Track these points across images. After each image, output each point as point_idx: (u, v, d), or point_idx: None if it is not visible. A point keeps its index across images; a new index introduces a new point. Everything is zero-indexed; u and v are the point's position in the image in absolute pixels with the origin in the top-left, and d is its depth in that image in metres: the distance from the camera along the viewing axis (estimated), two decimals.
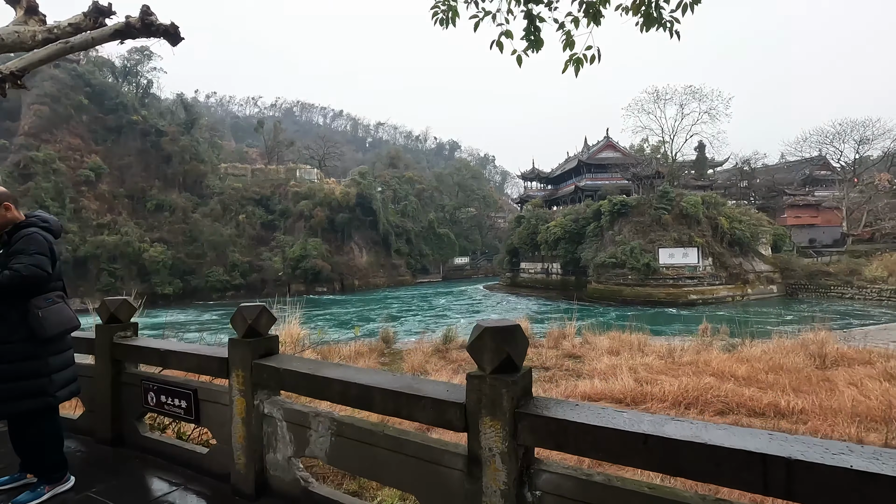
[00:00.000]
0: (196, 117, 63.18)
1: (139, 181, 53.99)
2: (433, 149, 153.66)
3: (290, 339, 12.66)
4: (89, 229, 46.72)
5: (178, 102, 64.72)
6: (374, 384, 2.25)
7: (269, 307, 2.83)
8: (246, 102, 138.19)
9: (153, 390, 3.18)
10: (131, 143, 55.10)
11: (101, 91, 55.01)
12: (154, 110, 59.89)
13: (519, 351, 1.89)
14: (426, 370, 9.47)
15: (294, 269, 55.27)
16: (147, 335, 13.08)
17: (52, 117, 50.02)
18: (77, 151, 50.26)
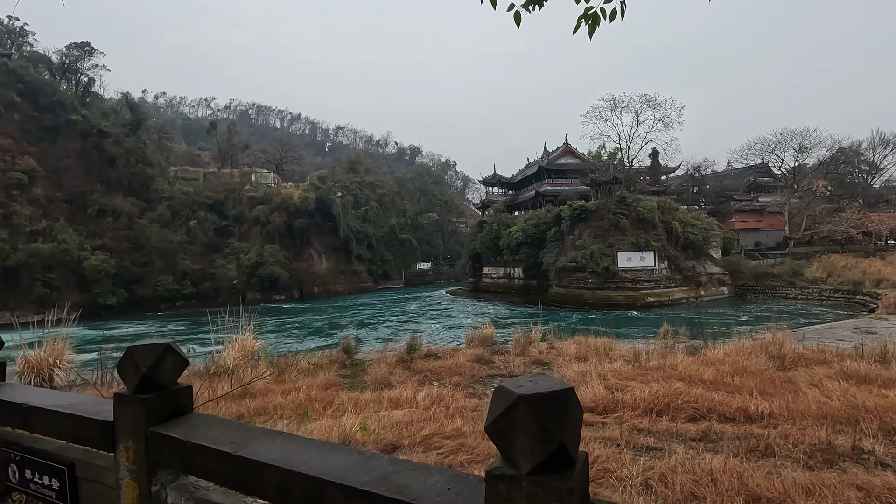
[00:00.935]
0: (143, 118, 59.96)
1: (79, 185, 50.51)
2: (394, 153, 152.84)
3: (242, 353, 11.86)
4: (21, 236, 43.24)
5: (123, 102, 61.30)
6: (330, 476, 1.29)
7: (175, 346, 1.91)
8: (198, 104, 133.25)
9: (16, 462, 2.28)
10: (70, 144, 51.54)
11: (36, 88, 51.28)
12: (96, 110, 56.39)
13: (575, 434, 1.06)
14: (390, 382, 9.00)
15: (250, 276, 53.21)
16: (95, 348, 11.69)
17: None
18: (8, 152, 46.51)
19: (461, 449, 5.35)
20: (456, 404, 7.16)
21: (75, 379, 11.74)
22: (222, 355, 11.69)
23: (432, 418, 6.47)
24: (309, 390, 8.56)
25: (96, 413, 1.96)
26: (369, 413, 6.96)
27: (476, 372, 9.51)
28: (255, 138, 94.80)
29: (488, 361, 10.49)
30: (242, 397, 8.48)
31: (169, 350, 1.80)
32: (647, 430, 6.20)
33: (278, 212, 58.99)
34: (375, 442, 5.59)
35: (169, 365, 1.83)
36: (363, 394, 8.21)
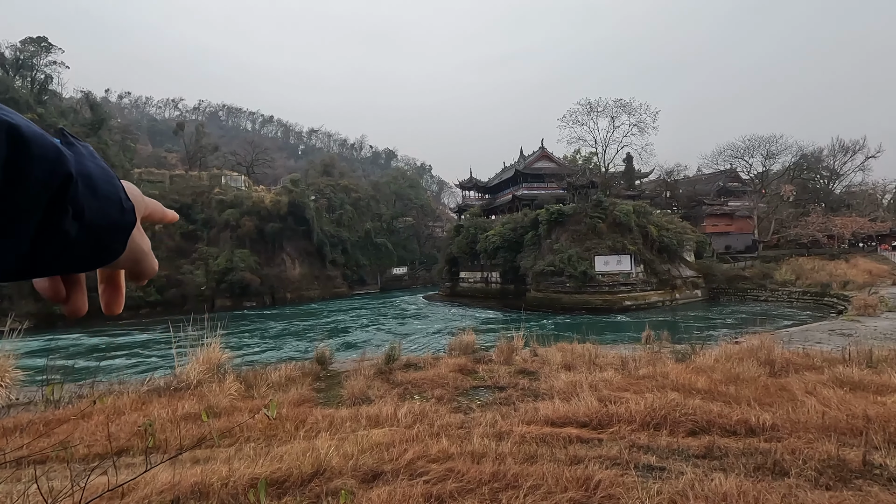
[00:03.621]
0: (104, 117, 57.48)
1: None
2: (369, 157, 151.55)
3: (208, 367, 11.06)
4: None
5: (83, 101, 58.69)
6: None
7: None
8: (165, 105, 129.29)
9: None
10: None
11: None
12: (53, 108, 53.74)
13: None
14: (368, 397, 8.40)
15: (219, 282, 51.44)
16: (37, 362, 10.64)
17: None
18: None
19: (450, 475, 4.82)
20: (441, 421, 6.63)
21: (18, 398, 10.71)
22: (185, 369, 10.87)
23: (416, 438, 5.92)
24: (280, 407, 7.89)
25: None
26: (346, 433, 6.36)
27: (460, 383, 8.99)
28: (225, 140, 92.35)
29: (472, 371, 9.99)
30: (207, 419, 7.73)
31: None
32: (647, 446, 5.80)
33: (249, 215, 57.36)
34: (353, 469, 5.00)
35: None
36: (339, 410, 7.59)
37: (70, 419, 7.83)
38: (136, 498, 4.21)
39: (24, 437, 7.00)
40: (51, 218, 0.44)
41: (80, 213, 0.47)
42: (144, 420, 7.67)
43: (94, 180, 0.49)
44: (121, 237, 0.55)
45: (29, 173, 0.39)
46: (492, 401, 7.88)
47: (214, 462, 5.48)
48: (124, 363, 22.02)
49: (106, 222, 0.50)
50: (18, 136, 0.37)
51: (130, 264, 0.62)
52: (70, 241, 0.47)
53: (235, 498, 4.37)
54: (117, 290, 0.66)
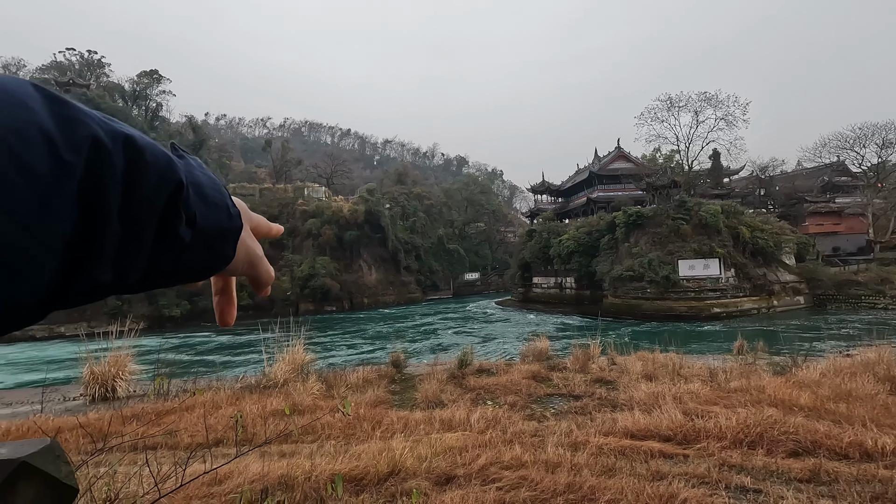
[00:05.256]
0: (204, 138, 63.53)
1: None
2: (441, 164, 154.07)
3: (292, 367, 11.75)
4: None
5: (186, 125, 65.23)
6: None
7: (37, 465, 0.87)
8: (255, 124, 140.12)
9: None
10: None
11: (112, 114, 54.15)
12: (163, 133, 60.27)
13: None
14: (441, 401, 8.48)
15: (303, 288, 54.60)
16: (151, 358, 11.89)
17: None
18: None
19: (523, 483, 4.74)
20: (514, 428, 6.54)
21: (135, 390, 12.04)
22: (273, 369, 11.63)
23: (488, 444, 5.89)
24: (357, 408, 8.20)
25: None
26: (420, 436, 6.47)
27: (533, 390, 8.83)
28: (307, 154, 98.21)
29: (545, 379, 9.77)
30: (290, 414, 8.24)
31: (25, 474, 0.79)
32: (740, 466, 5.33)
33: (329, 224, 60.31)
34: (427, 472, 5.07)
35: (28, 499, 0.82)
36: (413, 413, 7.75)
37: (176, 410, 8.67)
38: (232, 485, 4.55)
39: (138, 424, 7.86)
40: (167, 225, 0.45)
41: (193, 219, 0.48)
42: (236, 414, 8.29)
43: (204, 188, 0.51)
44: (231, 242, 0.56)
45: (145, 180, 0.41)
46: (566, 410, 7.66)
47: (298, 456, 5.80)
48: (221, 360, 24.04)
49: (217, 228, 0.52)
50: (134, 145, 0.40)
51: (246, 268, 0.62)
52: (185, 247, 0.48)
53: (317, 491, 4.59)
54: (230, 300, 0.69)
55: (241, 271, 0.62)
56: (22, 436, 7.48)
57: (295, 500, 4.46)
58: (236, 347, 29.41)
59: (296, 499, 4.51)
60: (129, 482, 3.90)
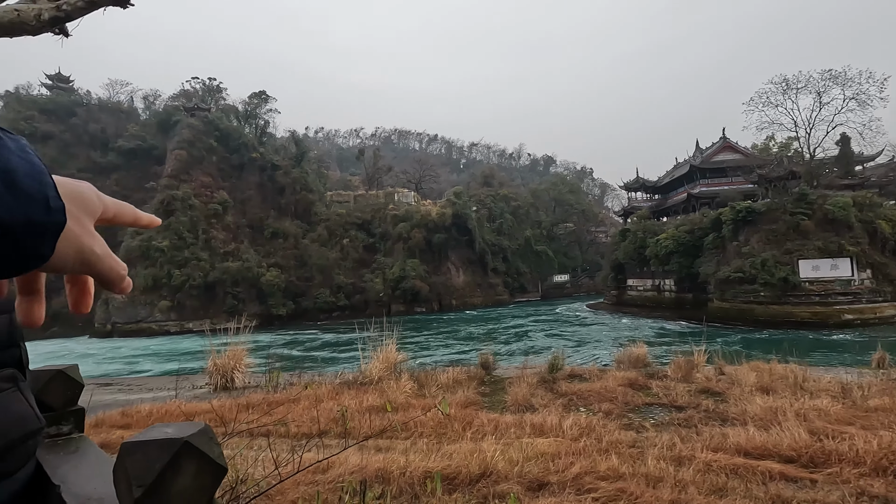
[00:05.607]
0: (305, 151, 68.54)
1: (258, 212, 59.51)
2: (527, 165, 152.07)
3: (386, 365, 12.24)
4: (217, 257, 52.10)
5: (290, 139, 70.84)
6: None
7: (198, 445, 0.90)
8: (349, 134, 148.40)
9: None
10: (251, 178, 61.10)
11: (227, 134, 61.92)
12: (270, 147, 66.05)
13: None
14: (532, 405, 8.35)
15: (394, 289, 56.71)
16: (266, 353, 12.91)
17: (189, 160, 57.21)
18: (208, 188, 56.80)
19: (621, 496, 4.51)
20: (609, 437, 6.25)
21: (249, 381, 13.27)
22: (368, 366, 12.21)
23: (582, 452, 5.69)
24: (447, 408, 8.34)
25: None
26: (511, 439, 6.42)
27: (630, 399, 8.38)
28: (397, 161, 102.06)
29: (643, 387, 9.22)
30: (385, 410, 8.59)
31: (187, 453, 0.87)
32: (885, 497, 4.63)
33: (418, 228, 61.99)
34: (519, 476, 5.02)
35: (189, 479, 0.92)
36: (503, 416, 7.71)
37: (284, 402, 9.42)
38: (334, 474, 4.84)
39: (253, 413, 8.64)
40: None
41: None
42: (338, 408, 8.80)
43: (15, 174, 0.44)
44: (47, 239, 0.48)
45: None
46: (668, 421, 7.17)
47: (393, 452, 6.02)
48: (323, 357, 25.73)
49: (25, 221, 0.45)
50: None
51: (80, 266, 0.54)
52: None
53: (412, 487, 4.74)
54: (38, 300, 0.58)
55: (74, 269, 0.54)
56: (161, 417, 8.58)
57: (391, 493, 4.64)
58: (336, 345, 31.31)
59: (392, 492, 4.69)
60: (254, 465, 4.31)
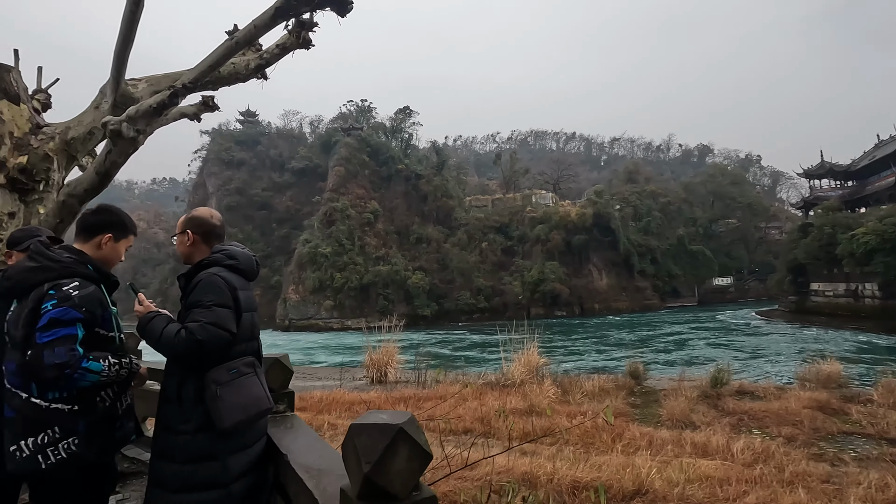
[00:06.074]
0: (445, 159, 71.95)
1: (404, 219, 64.14)
2: (678, 157, 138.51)
3: (527, 368, 12.20)
4: (370, 261, 57.38)
5: (431, 149, 75.01)
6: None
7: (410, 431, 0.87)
8: (486, 140, 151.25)
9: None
10: (398, 187, 66.10)
11: (377, 149, 67.96)
12: (414, 158, 70.74)
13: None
14: (692, 421, 7.58)
15: (533, 292, 56.22)
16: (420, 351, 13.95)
17: (346, 175, 64.12)
18: (362, 199, 62.98)
19: None
20: (794, 467, 5.37)
21: (400, 377, 14.32)
22: (510, 368, 12.30)
23: (758, 481, 4.99)
24: (595, 417, 7.99)
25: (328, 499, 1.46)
26: (668, 457, 5.91)
27: (820, 424, 7.09)
28: (533, 162, 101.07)
29: (838, 412, 7.74)
30: (529, 414, 8.55)
31: (402, 438, 1.07)
32: None
33: (557, 230, 60.66)
34: (680, 498, 4.59)
35: (403, 462, 1.10)
36: (658, 431, 7.12)
37: (432, 399, 9.96)
38: (481, 473, 4.97)
39: (405, 407, 9.30)
40: None
41: None
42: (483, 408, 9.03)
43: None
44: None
45: None
46: (876, 455, 5.90)
47: (539, 457, 5.96)
48: (465, 356, 26.62)
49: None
50: None
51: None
52: None
53: (559, 494, 4.64)
54: None
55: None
56: (329, 404, 9.69)
57: (538, 499, 4.60)
58: (477, 346, 32.10)
59: (539, 498, 4.65)
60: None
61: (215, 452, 1.83)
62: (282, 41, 2.92)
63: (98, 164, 3.18)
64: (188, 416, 1.84)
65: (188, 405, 1.85)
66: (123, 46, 2.60)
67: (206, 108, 3.71)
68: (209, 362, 1.84)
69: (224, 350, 1.85)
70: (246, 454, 1.89)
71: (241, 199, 72.62)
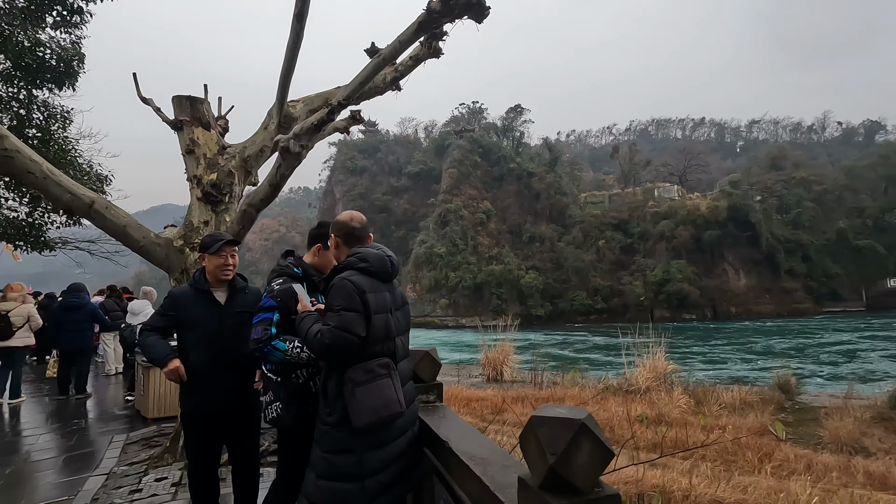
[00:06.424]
0: (558, 155, 70.21)
1: (516, 218, 63.88)
2: (837, 137, 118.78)
3: (654, 374, 11.46)
4: (483, 261, 58.09)
5: (543, 146, 73.72)
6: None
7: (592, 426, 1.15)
8: (601, 133, 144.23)
9: (444, 499, 2.00)
10: (509, 187, 66.03)
11: (488, 149, 68.60)
12: (525, 156, 70.14)
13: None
14: (864, 447, 6.51)
15: (656, 293, 52.45)
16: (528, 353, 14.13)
17: (459, 176, 65.70)
18: (474, 200, 64.07)
19: None
20: None
21: (516, 376, 14.30)
22: (634, 374, 11.63)
23: None
24: (736, 432, 7.24)
25: (499, 486, 1.44)
26: (832, 485, 5.15)
27: None
28: (655, 153, 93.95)
29: None
30: (657, 423, 8.04)
31: (584, 433, 1.08)
32: None
33: (684, 225, 56.01)
34: None
35: (585, 456, 1.10)
36: (818, 454, 6.21)
37: (549, 400, 9.80)
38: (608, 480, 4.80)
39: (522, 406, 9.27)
40: None
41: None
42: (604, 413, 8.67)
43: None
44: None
45: None
46: None
47: (671, 471, 5.57)
48: (582, 358, 25.69)
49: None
50: None
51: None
52: None
53: None
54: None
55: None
56: (448, 399, 10.04)
57: None
58: (602, 348, 30.74)
59: None
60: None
61: (352, 447, 1.93)
62: (414, 53, 3.13)
63: (270, 177, 3.78)
64: (331, 408, 1.97)
65: (331, 399, 1.98)
66: (286, 74, 3.02)
67: (354, 121, 4.14)
68: (347, 361, 1.92)
69: (357, 351, 1.90)
70: (383, 451, 1.97)
71: (363, 203, 78.24)
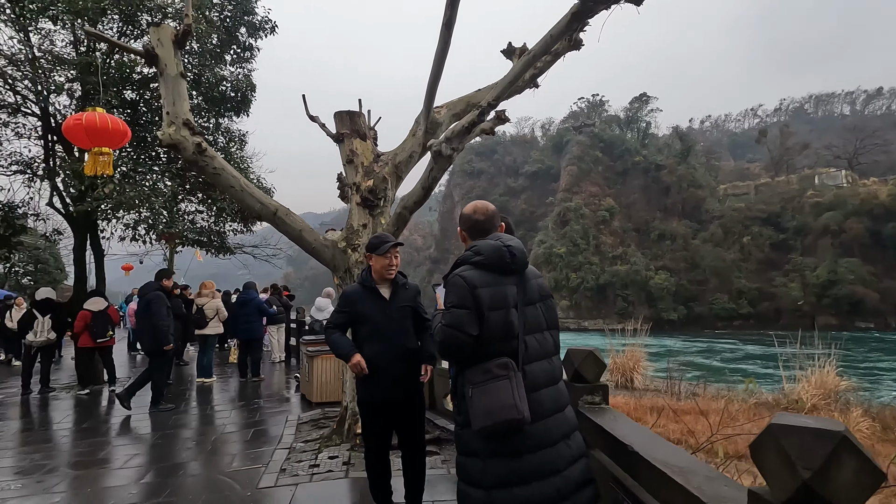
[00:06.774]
0: (691, 145, 64.23)
1: (643, 215, 59.70)
2: None
3: (821, 390, 9.99)
4: (606, 261, 55.32)
5: (673, 135, 67.92)
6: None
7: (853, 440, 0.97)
8: (744, 116, 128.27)
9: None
10: (635, 181, 61.99)
11: (610, 143, 65.15)
12: (652, 148, 65.27)
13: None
14: None
15: (819, 297, 45.35)
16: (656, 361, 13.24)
17: (578, 174, 63.44)
18: (595, 197, 61.34)
19: None
20: None
21: (649, 384, 13.39)
22: (795, 389, 10.24)
23: None
24: None
25: (712, 499, 1.28)
26: None
27: None
28: (815, 135, 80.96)
29: None
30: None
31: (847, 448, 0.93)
32: None
33: (856, 217, 47.88)
34: None
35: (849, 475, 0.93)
36: None
37: (690, 412, 8.99)
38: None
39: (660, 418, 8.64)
40: None
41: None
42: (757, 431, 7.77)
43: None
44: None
45: None
46: None
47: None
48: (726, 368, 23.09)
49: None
50: None
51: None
52: None
53: None
54: None
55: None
56: None
57: None
58: (737, 357, 27.48)
59: None
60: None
61: (476, 450, 1.80)
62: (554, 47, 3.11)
63: (423, 180, 4.09)
64: (459, 409, 1.88)
65: (458, 399, 1.89)
66: (433, 82, 3.20)
67: (499, 121, 4.29)
68: (468, 360, 1.82)
69: (471, 350, 1.78)
70: (513, 461, 1.75)
71: None
